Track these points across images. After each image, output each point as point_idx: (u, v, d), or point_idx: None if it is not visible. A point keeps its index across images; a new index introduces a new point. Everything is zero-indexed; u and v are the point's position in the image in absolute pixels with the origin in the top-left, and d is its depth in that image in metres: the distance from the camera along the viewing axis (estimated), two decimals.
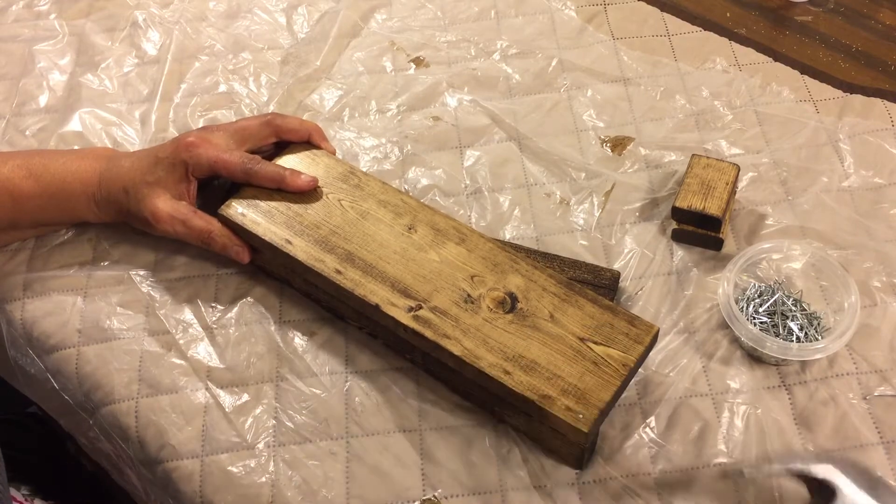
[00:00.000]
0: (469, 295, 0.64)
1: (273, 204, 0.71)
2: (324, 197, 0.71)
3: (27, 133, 0.84)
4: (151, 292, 0.73)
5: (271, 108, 0.84)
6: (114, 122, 0.85)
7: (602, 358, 0.61)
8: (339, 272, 0.67)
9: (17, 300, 0.74)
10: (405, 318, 0.64)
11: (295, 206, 0.71)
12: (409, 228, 0.69)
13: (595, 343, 0.61)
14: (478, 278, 0.65)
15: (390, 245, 0.68)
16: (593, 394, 0.59)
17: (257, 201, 0.71)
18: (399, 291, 0.65)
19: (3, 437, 0.91)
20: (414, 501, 0.62)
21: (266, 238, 0.69)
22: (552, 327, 0.63)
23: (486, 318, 0.63)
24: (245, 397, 0.67)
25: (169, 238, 0.72)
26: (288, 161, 0.74)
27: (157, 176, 0.70)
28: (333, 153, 0.76)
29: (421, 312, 0.64)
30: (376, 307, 0.65)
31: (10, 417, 0.97)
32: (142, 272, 0.74)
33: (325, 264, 0.67)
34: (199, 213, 0.71)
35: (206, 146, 0.70)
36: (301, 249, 0.68)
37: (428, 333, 0.63)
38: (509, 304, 0.64)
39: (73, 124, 0.84)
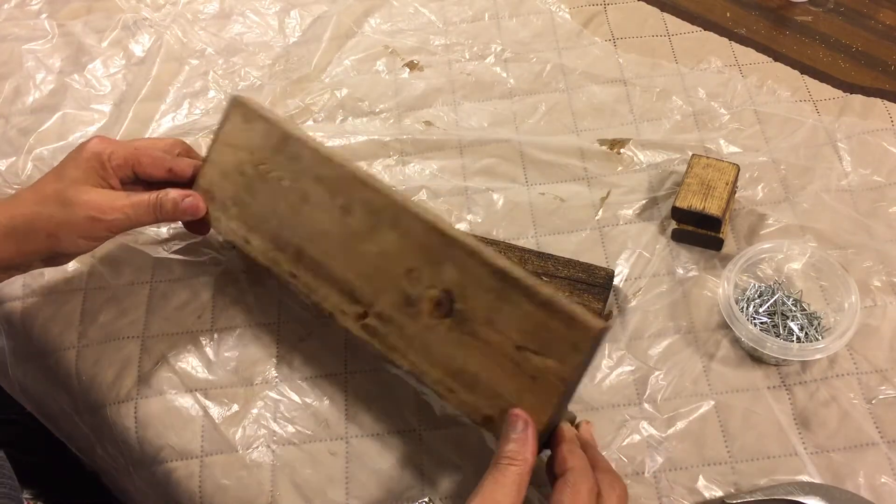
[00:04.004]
0: (408, 295, 0.61)
1: (226, 193, 0.68)
2: (265, 176, 0.67)
3: (12, 133, 0.84)
4: (151, 294, 0.73)
5: None
6: (95, 122, 0.85)
7: (539, 370, 0.55)
8: (293, 275, 0.65)
9: (17, 299, 0.74)
10: (355, 329, 0.62)
11: (243, 194, 0.68)
12: (345, 211, 0.64)
13: (532, 352, 0.56)
14: (415, 273, 0.61)
15: (332, 235, 0.64)
16: (532, 415, 0.55)
17: (212, 191, 0.69)
18: (346, 295, 0.63)
19: (4, 438, 0.91)
20: (413, 502, 0.62)
21: (228, 237, 0.68)
22: (490, 333, 0.57)
23: (427, 324, 0.60)
24: (245, 398, 0.67)
25: (117, 233, 0.67)
26: (229, 130, 0.69)
27: (75, 176, 0.64)
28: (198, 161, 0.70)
29: (368, 321, 0.62)
30: (331, 316, 0.63)
31: (11, 418, 0.96)
32: (141, 273, 0.74)
33: (281, 266, 0.66)
34: (135, 192, 0.67)
35: (117, 141, 0.66)
36: (258, 249, 0.67)
37: (377, 344, 0.62)
38: (447, 305, 0.59)
39: (55, 124, 0.85)
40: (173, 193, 0.66)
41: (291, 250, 0.66)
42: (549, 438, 0.57)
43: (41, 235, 0.63)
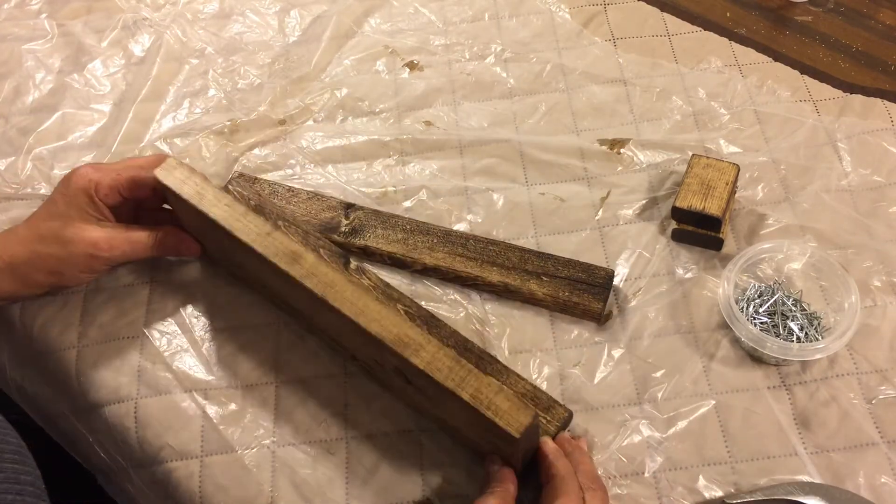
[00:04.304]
0: (374, 358, 0.61)
1: (206, 243, 0.70)
2: (219, 243, 0.66)
3: (11, 132, 0.84)
4: (150, 294, 0.73)
5: (262, 109, 0.84)
6: (95, 122, 0.85)
7: (493, 443, 0.57)
8: (288, 315, 0.69)
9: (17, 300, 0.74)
10: (355, 363, 0.66)
11: (217, 250, 0.70)
12: (290, 288, 0.61)
13: (480, 433, 0.57)
14: (362, 349, 0.62)
15: (296, 299, 0.64)
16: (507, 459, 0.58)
17: (196, 237, 0.69)
18: (333, 339, 0.66)
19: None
20: (412, 502, 0.62)
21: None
22: (444, 411, 0.59)
23: (399, 382, 0.61)
24: (244, 397, 0.67)
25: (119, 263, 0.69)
26: (170, 199, 0.67)
27: (69, 214, 0.65)
28: None
29: (359, 362, 0.65)
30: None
31: (12, 418, 0.96)
32: (141, 274, 0.74)
33: (277, 305, 0.70)
34: (132, 226, 0.68)
35: (102, 169, 0.66)
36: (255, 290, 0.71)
37: (376, 381, 0.65)
38: (403, 377, 0.59)
39: (55, 123, 0.84)
40: (172, 237, 0.68)
41: (278, 299, 0.69)
42: (533, 456, 0.59)
43: (42, 272, 0.66)
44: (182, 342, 0.70)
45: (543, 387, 0.66)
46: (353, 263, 0.71)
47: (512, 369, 0.66)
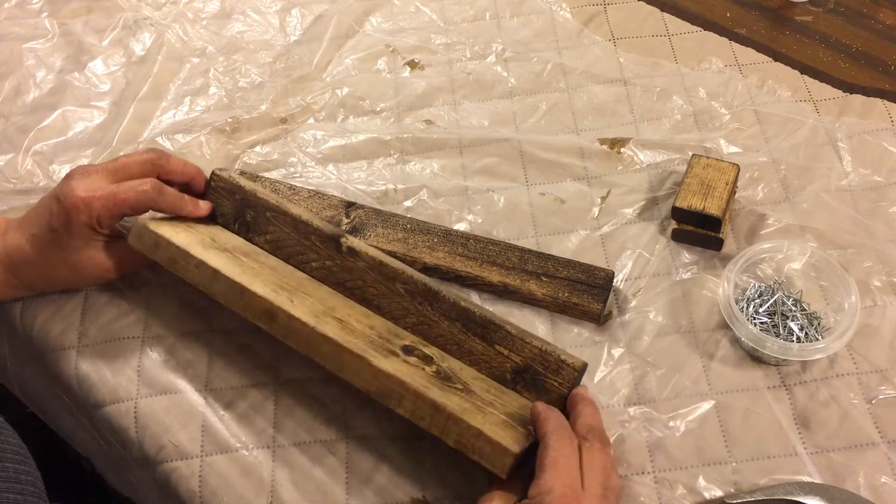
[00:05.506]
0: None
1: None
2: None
3: (11, 130, 0.84)
4: (150, 294, 0.73)
5: (263, 108, 0.84)
6: (95, 119, 0.85)
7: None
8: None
9: (17, 299, 0.74)
10: None
11: None
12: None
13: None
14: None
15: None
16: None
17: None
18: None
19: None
20: (412, 502, 0.62)
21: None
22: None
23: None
24: (244, 397, 0.67)
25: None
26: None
27: (76, 245, 0.67)
28: (208, 209, 0.72)
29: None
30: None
31: (12, 418, 0.96)
32: (141, 274, 0.74)
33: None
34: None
35: (96, 198, 0.65)
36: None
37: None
38: None
39: (55, 121, 0.85)
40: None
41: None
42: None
43: (57, 287, 0.72)
44: (182, 342, 0.70)
45: None
46: (345, 245, 0.69)
47: (516, 334, 0.64)
